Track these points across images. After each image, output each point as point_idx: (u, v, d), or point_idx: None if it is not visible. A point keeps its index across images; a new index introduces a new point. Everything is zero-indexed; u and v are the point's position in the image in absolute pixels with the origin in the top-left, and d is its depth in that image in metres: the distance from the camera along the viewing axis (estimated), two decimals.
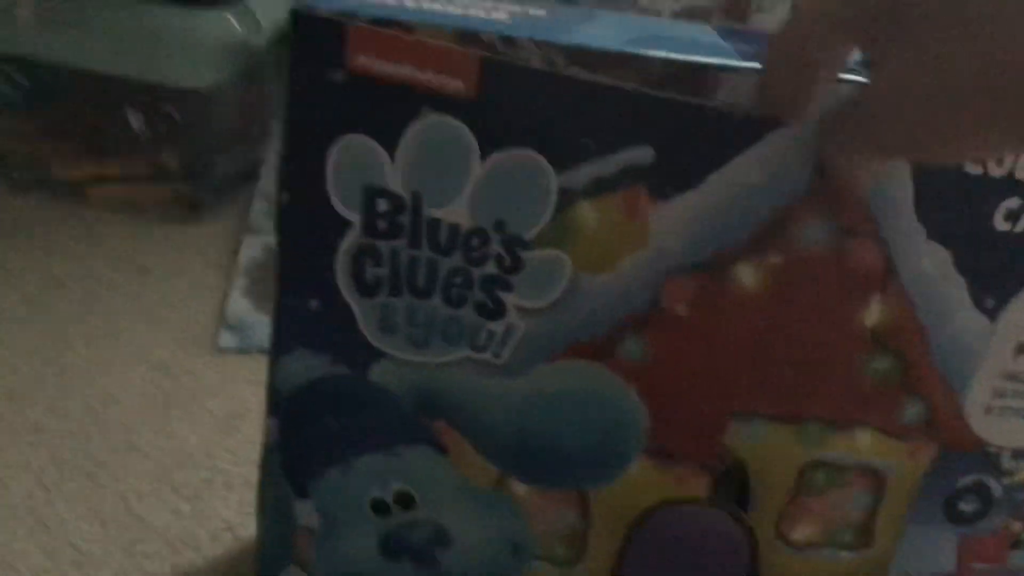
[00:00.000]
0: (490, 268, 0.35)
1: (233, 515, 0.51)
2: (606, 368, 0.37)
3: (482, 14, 0.35)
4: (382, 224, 0.34)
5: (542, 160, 0.33)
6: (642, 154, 0.33)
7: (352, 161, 0.33)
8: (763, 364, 0.39)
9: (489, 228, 0.34)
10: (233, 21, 0.71)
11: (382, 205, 0.34)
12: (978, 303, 0.38)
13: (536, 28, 0.35)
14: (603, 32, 0.36)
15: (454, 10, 0.35)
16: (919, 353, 0.39)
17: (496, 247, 0.34)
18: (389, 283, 0.35)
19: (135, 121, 0.71)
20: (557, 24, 0.36)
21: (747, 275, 0.36)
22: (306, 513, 0.40)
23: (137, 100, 0.72)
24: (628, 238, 0.34)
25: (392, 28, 0.34)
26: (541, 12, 0.37)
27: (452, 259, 0.35)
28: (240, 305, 0.68)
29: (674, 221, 0.34)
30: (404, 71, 0.31)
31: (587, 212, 0.34)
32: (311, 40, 0.32)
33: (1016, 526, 0.44)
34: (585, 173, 0.33)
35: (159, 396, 0.60)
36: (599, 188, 0.34)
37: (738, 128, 0.33)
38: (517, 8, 0.36)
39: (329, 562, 0.40)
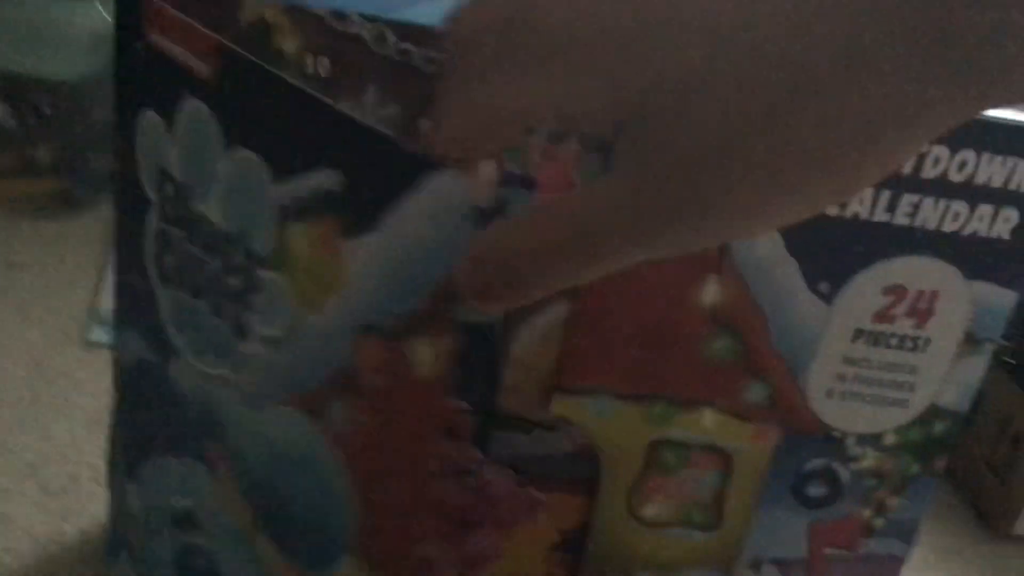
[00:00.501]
0: (237, 281, 0.32)
1: (102, 510, 0.50)
2: (320, 431, 0.33)
3: None
4: (170, 210, 0.33)
5: (265, 167, 0.30)
6: (333, 179, 0.30)
7: (148, 139, 0.32)
8: (608, 341, 0.39)
9: (235, 234, 0.31)
10: (103, 11, 0.69)
11: (168, 189, 0.33)
12: (812, 287, 0.39)
13: (369, 3, 0.35)
14: (439, 11, 0.36)
15: None
16: (758, 335, 0.40)
17: (240, 257, 0.32)
18: (178, 275, 0.33)
19: (2, 113, 0.69)
20: (396, 2, 0.36)
21: (423, 353, 0.32)
22: (133, 497, 0.39)
23: (3, 92, 0.70)
24: (328, 276, 0.31)
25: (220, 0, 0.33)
26: None
27: (214, 262, 0.32)
28: (111, 299, 0.67)
29: (364, 266, 0.31)
30: (176, 50, 0.30)
31: (297, 236, 0.31)
32: (125, 11, 0.31)
33: (866, 513, 0.45)
34: (292, 190, 0.30)
35: (28, 392, 0.59)
36: (302, 211, 0.30)
37: (408, 166, 0.29)
38: None
39: (138, 561, 0.39)
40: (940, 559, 0.61)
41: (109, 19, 0.71)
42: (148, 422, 0.37)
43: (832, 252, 0.39)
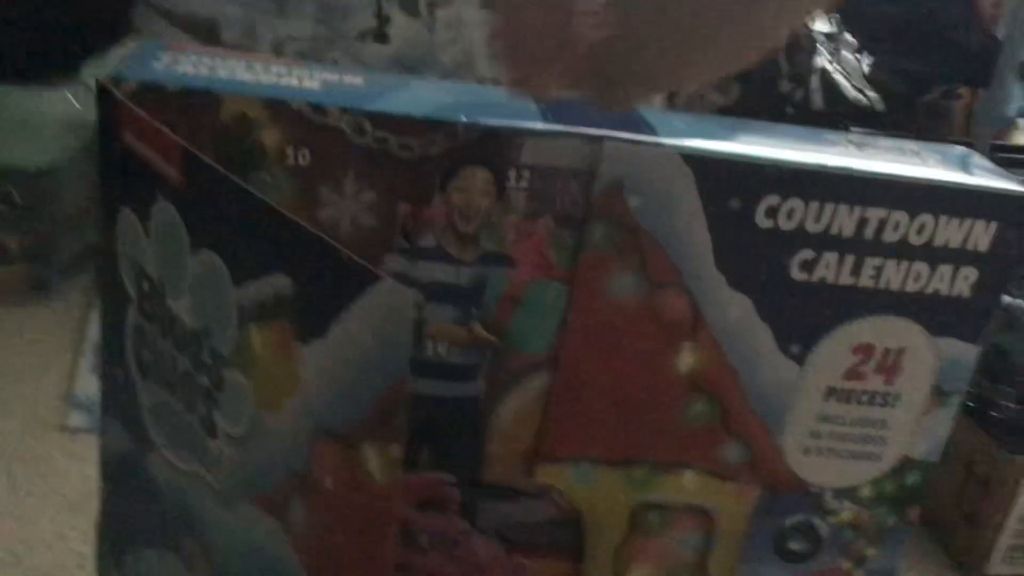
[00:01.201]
0: (205, 378, 0.33)
1: None
2: (283, 531, 0.32)
3: (295, 83, 0.36)
4: (147, 306, 0.34)
5: (225, 270, 0.31)
6: (285, 285, 0.30)
7: (127, 236, 0.33)
8: (588, 410, 0.40)
9: (202, 332, 0.32)
10: (72, 99, 0.70)
11: (145, 286, 0.33)
12: (784, 349, 0.40)
13: (347, 96, 0.36)
14: (416, 98, 0.37)
15: (267, 79, 0.36)
16: (734, 396, 0.41)
17: (207, 356, 0.32)
18: (154, 369, 0.34)
19: None
20: (370, 92, 0.37)
21: (373, 459, 0.31)
22: None
23: None
24: (284, 379, 0.31)
25: (204, 97, 0.34)
26: (358, 80, 0.38)
27: (184, 359, 0.33)
28: (88, 383, 0.67)
29: (316, 370, 0.31)
30: (147, 152, 0.31)
31: (256, 337, 0.31)
32: (106, 111, 0.32)
33: (846, 565, 0.46)
34: (250, 293, 0.31)
35: (7, 480, 0.58)
36: (260, 314, 0.31)
37: (351, 274, 0.29)
38: (333, 76, 0.38)
39: None
40: None
41: (79, 107, 0.72)
42: (130, 513, 0.37)
43: (801, 315, 0.40)
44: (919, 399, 0.43)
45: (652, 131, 0.37)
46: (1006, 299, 0.62)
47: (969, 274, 0.40)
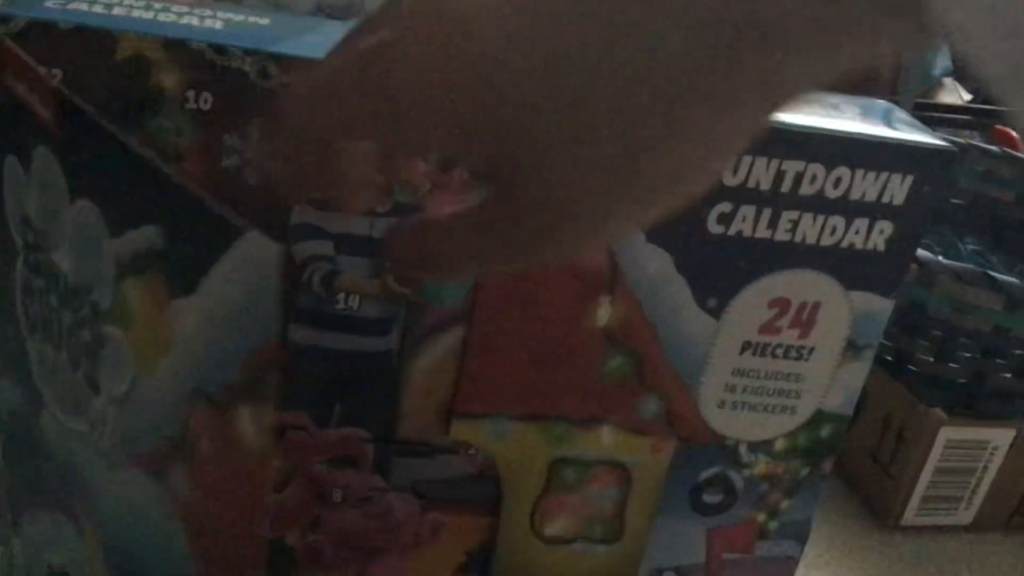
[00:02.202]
0: (87, 335, 0.31)
1: None
2: (162, 494, 0.31)
3: (196, 22, 0.35)
4: (31, 258, 0.32)
5: (103, 219, 0.29)
6: (156, 236, 0.29)
7: (11, 183, 0.31)
8: (504, 364, 0.39)
9: (83, 286, 0.31)
10: None
11: (29, 236, 0.32)
12: (701, 303, 0.40)
13: (251, 37, 0.35)
14: (324, 40, 0.35)
15: (166, 18, 0.34)
16: (651, 351, 0.41)
17: (88, 311, 0.31)
18: (41, 326, 0.33)
19: None
20: (277, 33, 0.35)
21: (245, 423, 0.30)
22: (18, 550, 0.37)
23: None
24: (159, 337, 0.30)
25: (98, 36, 0.33)
26: (264, 21, 0.36)
27: (67, 315, 0.31)
28: None
29: (188, 328, 0.29)
30: (27, 94, 0.29)
31: (132, 292, 0.30)
32: None
33: (760, 516, 0.46)
34: (125, 244, 0.29)
35: None
36: (136, 267, 0.29)
37: (219, 227, 0.28)
38: (238, 17, 0.36)
39: None
40: (834, 555, 0.63)
41: None
42: (24, 474, 0.36)
43: (718, 269, 0.40)
44: (833, 353, 0.43)
45: None
46: (922, 253, 0.63)
47: (884, 228, 0.40)
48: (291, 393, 0.40)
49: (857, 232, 0.40)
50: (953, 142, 0.41)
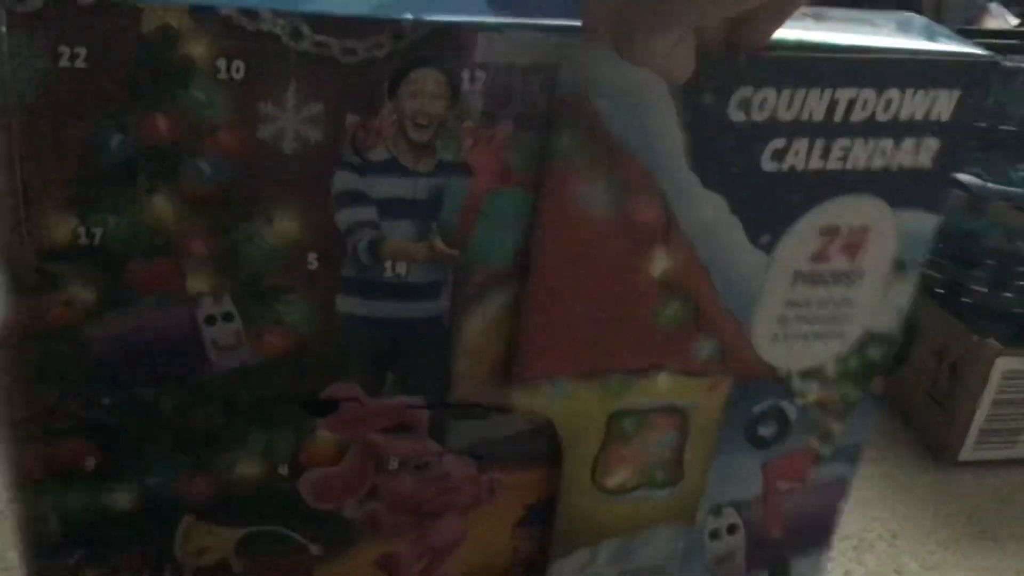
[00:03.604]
0: None
1: None
2: None
3: None
4: None
5: None
6: None
7: None
8: (561, 325, 0.38)
9: None
10: None
11: None
12: (754, 241, 0.39)
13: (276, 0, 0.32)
14: None
15: None
16: (706, 295, 0.40)
17: None
18: None
19: None
20: None
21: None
22: None
23: None
24: None
25: (121, 8, 0.31)
26: None
27: None
28: None
29: None
30: None
31: None
32: None
33: (814, 443, 0.46)
34: None
35: None
36: None
37: None
38: None
39: None
40: (892, 493, 0.63)
41: None
42: None
43: (771, 206, 0.38)
44: (881, 274, 0.42)
45: None
46: (972, 180, 0.62)
47: (932, 144, 0.39)
48: (342, 365, 0.38)
49: (906, 152, 0.39)
50: (1001, 63, 0.40)
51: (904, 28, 0.40)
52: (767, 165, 0.37)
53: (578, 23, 0.34)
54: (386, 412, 0.40)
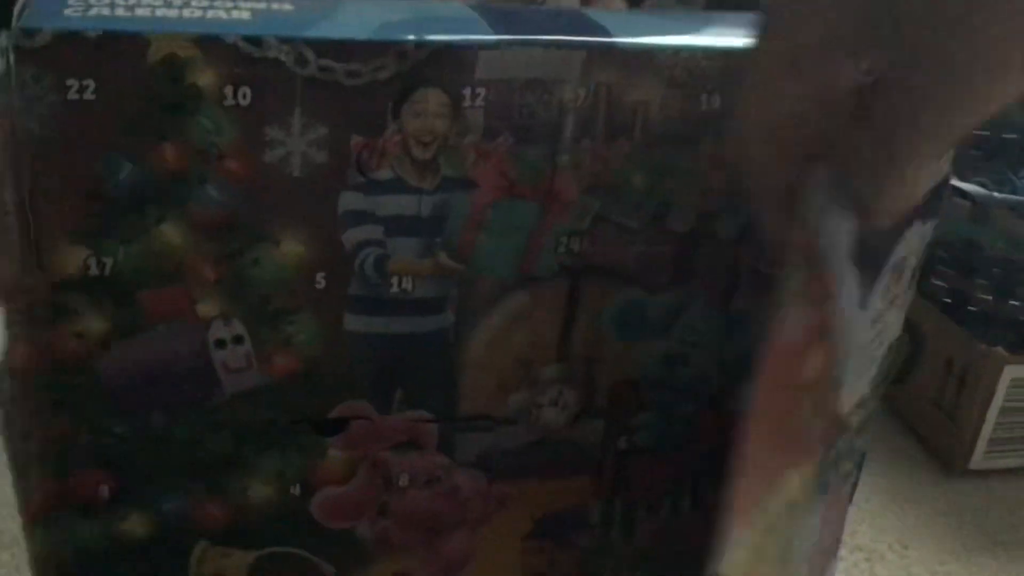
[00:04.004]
0: None
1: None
2: None
3: (223, 15, 0.33)
4: None
5: None
6: None
7: None
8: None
9: None
10: None
11: None
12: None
13: (282, 24, 0.33)
14: (354, 20, 0.34)
15: (191, 14, 0.33)
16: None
17: None
18: None
19: None
20: (305, 17, 0.34)
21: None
22: None
23: None
24: None
25: (128, 41, 0.31)
26: (287, 6, 0.35)
27: None
28: None
29: None
30: None
31: None
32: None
33: (847, 464, 0.46)
34: None
35: None
36: None
37: None
38: (260, 5, 0.35)
39: None
40: (902, 504, 0.63)
41: None
42: None
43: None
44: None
45: (608, 34, 0.36)
46: (975, 190, 0.62)
47: None
48: (351, 383, 0.39)
49: None
50: None
51: None
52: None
53: (570, 38, 0.35)
54: (395, 429, 0.40)
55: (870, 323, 0.37)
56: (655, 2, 0.78)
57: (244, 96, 0.33)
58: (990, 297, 0.64)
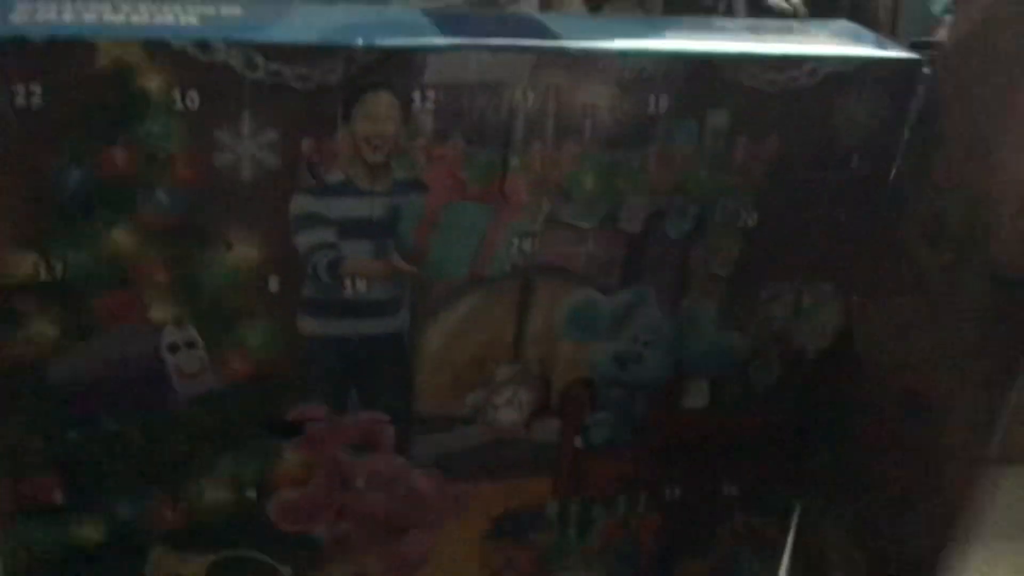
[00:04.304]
0: None
1: None
2: None
3: (170, 20, 0.33)
4: None
5: None
6: None
7: None
8: None
9: None
10: None
11: None
12: None
13: (231, 28, 0.33)
14: (303, 24, 0.35)
15: (139, 19, 0.33)
16: None
17: None
18: None
19: None
20: (254, 22, 0.34)
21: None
22: None
23: None
24: None
25: (75, 46, 0.31)
26: (236, 10, 0.35)
27: None
28: None
29: None
30: None
31: None
32: None
33: None
34: None
35: None
36: None
37: None
38: (209, 10, 0.35)
39: None
40: None
41: None
42: None
43: None
44: None
45: (557, 37, 0.36)
46: None
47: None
48: (306, 385, 0.39)
49: None
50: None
51: (838, 34, 0.41)
52: None
53: (518, 42, 0.35)
54: (351, 430, 0.40)
55: None
56: (615, 7, 0.78)
57: (192, 100, 0.33)
58: None
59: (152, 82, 0.32)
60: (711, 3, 0.83)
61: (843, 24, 0.43)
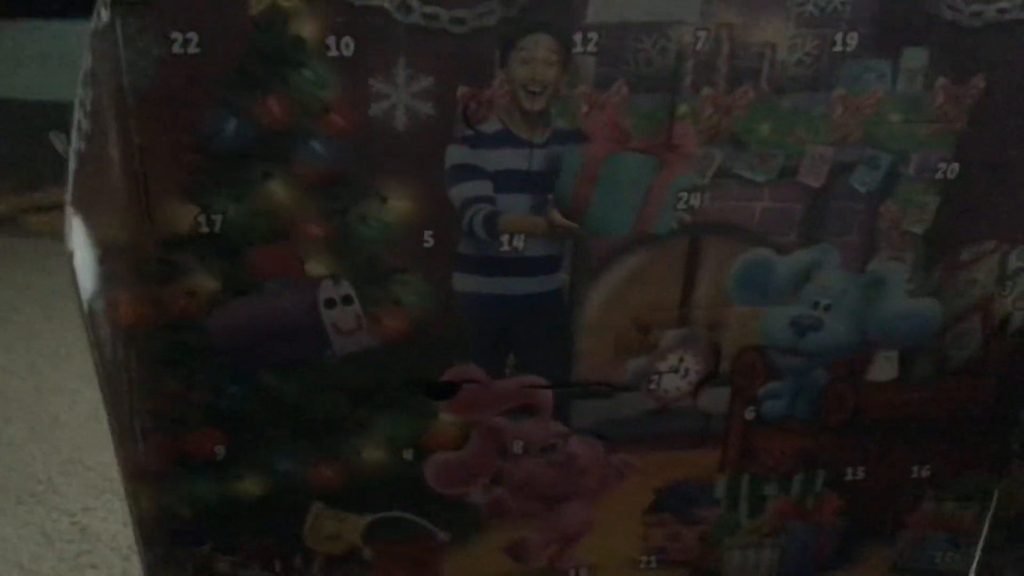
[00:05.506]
0: None
1: None
2: None
3: None
4: None
5: None
6: None
7: None
8: None
9: None
10: None
11: None
12: None
13: None
14: None
15: None
16: None
17: None
18: None
19: (59, 144, 0.66)
20: None
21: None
22: None
23: (60, 124, 0.67)
24: None
25: None
26: None
27: None
28: None
29: None
30: None
31: None
32: None
33: None
34: None
35: (104, 416, 0.60)
36: None
37: None
38: None
39: None
40: None
41: None
42: None
43: None
44: None
45: None
46: None
47: None
48: (461, 346, 0.38)
49: None
50: None
51: None
52: None
53: None
54: (508, 394, 0.39)
55: None
56: None
57: (347, 47, 0.32)
58: None
59: (307, 28, 0.32)
60: None
61: None
